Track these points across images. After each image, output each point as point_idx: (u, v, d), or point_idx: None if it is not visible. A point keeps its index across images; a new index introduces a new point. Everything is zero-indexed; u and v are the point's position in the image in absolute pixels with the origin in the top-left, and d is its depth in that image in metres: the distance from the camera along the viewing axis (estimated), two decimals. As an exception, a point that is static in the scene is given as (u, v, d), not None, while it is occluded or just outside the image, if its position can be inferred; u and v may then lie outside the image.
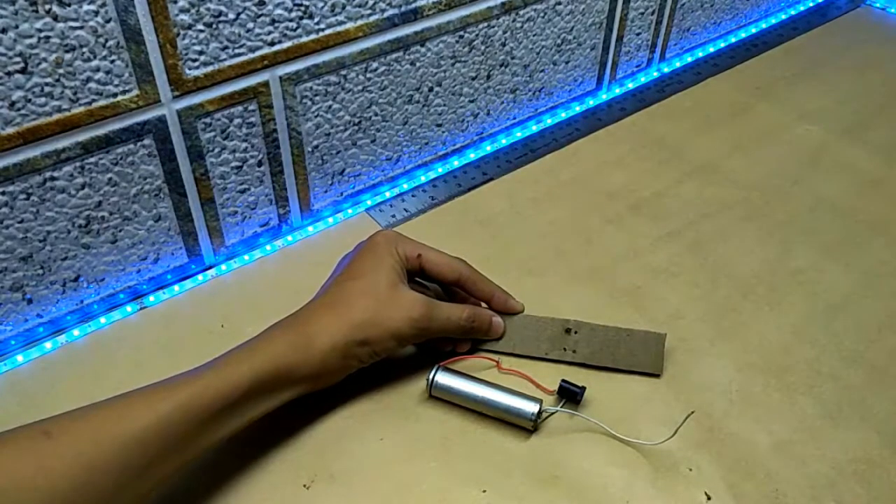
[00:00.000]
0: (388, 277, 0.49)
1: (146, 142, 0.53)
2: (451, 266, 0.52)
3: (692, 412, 0.49)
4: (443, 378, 0.50)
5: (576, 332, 0.53)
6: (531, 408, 0.49)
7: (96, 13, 0.46)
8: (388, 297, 0.49)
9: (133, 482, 0.40)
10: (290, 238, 0.64)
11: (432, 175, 0.71)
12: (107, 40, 0.48)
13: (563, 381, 0.50)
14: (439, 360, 0.52)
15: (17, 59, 0.45)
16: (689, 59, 0.87)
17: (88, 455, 0.38)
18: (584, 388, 0.50)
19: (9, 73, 0.45)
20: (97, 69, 0.48)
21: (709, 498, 0.46)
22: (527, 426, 0.49)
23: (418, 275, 0.53)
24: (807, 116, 0.77)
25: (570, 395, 0.50)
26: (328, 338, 0.47)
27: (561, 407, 0.50)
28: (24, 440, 0.38)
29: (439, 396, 0.51)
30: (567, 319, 0.54)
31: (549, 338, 0.54)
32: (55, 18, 0.45)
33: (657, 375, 0.53)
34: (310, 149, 0.62)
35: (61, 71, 0.47)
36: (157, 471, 0.41)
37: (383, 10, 0.59)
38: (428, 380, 0.50)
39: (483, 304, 0.54)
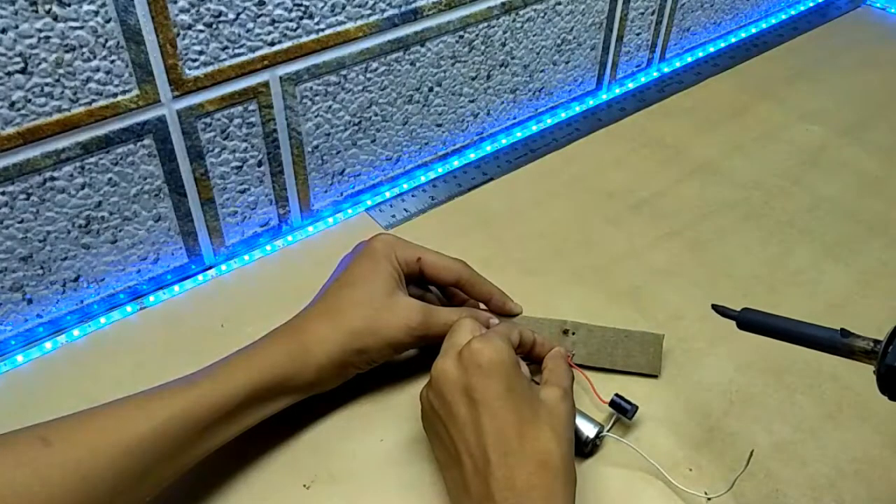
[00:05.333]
0: (385, 285, 0.49)
1: (146, 142, 0.53)
2: (450, 268, 0.52)
3: (752, 450, 0.47)
4: None
5: (573, 333, 0.53)
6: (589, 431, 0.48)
7: (96, 13, 0.46)
8: (385, 305, 0.48)
9: (129, 489, 0.40)
10: (290, 238, 0.64)
11: (432, 175, 0.71)
12: (107, 40, 0.48)
13: (617, 394, 0.50)
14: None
15: (17, 59, 0.45)
16: (689, 59, 0.87)
17: (85, 463, 0.38)
18: (636, 407, 0.49)
19: (9, 74, 0.45)
20: (97, 69, 0.48)
21: (709, 498, 0.46)
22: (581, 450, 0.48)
23: (417, 278, 0.52)
24: (807, 116, 0.77)
25: (621, 411, 0.49)
26: (324, 347, 0.47)
27: (613, 420, 0.50)
28: (22, 447, 0.38)
29: None
30: (565, 321, 0.54)
31: (547, 339, 0.53)
32: (55, 18, 0.45)
33: (655, 376, 0.53)
34: (310, 149, 0.62)
35: (61, 71, 0.47)
36: (152, 477, 0.41)
37: (383, 11, 0.59)
38: None
39: (482, 306, 0.54)
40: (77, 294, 0.56)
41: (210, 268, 0.62)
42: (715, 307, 0.45)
